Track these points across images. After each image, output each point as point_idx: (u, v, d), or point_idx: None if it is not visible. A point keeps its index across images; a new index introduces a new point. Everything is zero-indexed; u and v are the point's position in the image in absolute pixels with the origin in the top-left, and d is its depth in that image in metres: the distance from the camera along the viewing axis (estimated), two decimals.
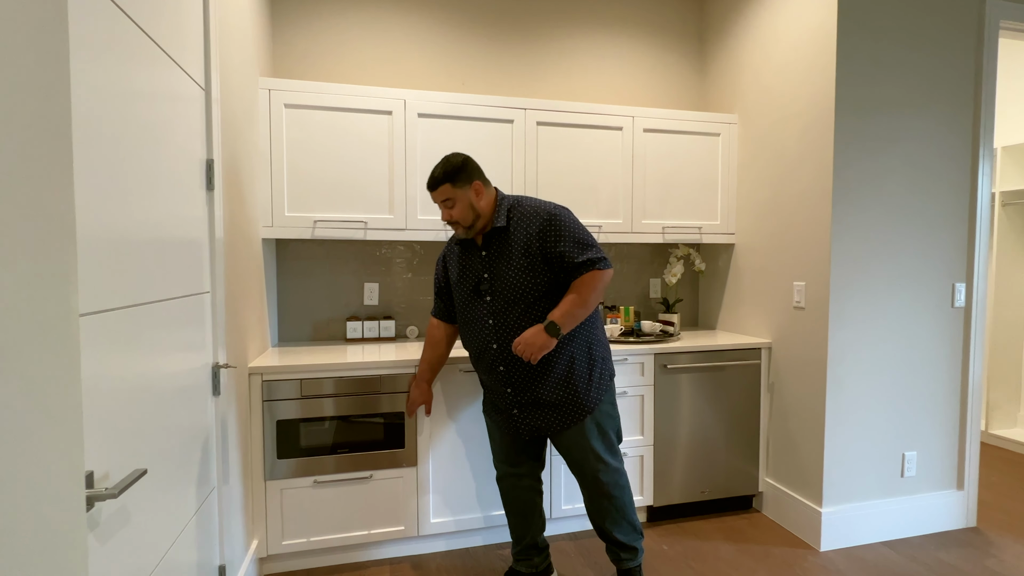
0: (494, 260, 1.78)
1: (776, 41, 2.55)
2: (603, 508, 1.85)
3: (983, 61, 2.40)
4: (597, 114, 2.63)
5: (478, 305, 1.80)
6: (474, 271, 1.81)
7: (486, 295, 1.78)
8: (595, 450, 1.82)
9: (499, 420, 1.91)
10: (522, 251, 1.74)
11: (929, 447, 2.44)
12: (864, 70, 2.26)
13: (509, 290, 1.75)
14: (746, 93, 2.76)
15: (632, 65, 3.04)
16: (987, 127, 2.43)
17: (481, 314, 1.80)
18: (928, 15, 2.33)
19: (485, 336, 1.80)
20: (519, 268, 1.75)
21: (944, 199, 2.41)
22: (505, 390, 1.83)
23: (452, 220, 1.77)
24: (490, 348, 1.80)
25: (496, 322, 1.78)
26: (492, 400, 1.92)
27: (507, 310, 1.76)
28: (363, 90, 2.35)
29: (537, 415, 1.82)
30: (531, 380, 1.78)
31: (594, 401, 1.81)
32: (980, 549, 2.31)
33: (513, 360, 1.77)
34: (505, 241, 1.77)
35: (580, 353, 1.80)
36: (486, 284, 1.78)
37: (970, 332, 2.46)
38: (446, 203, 1.75)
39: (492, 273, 1.77)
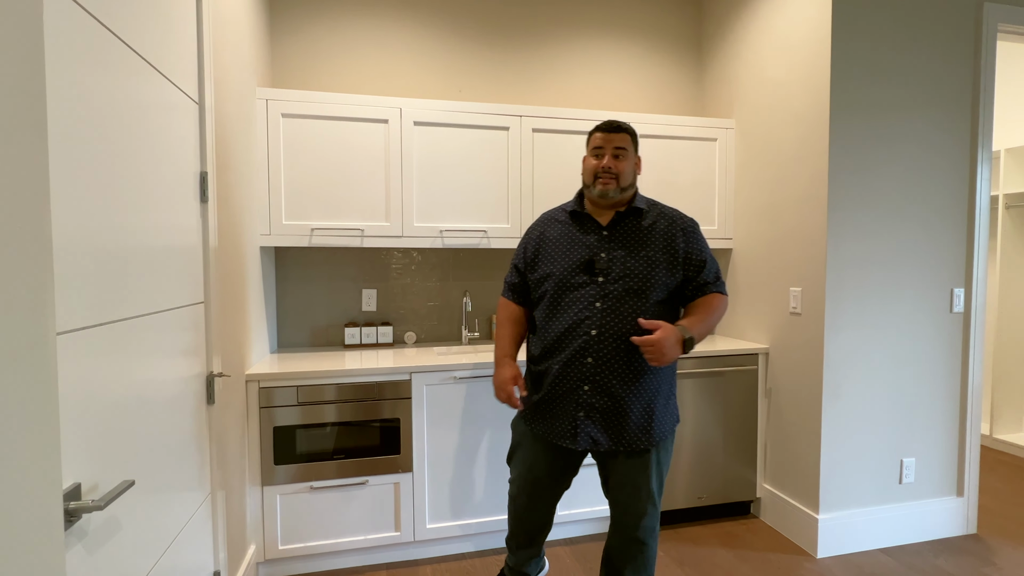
0: (618, 242, 1.59)
1: (772, 46, 2.55)
2: (631, 554, 1.64)
3: (981, 64, 2.39)
4: (592, 120, 2.64)
5: (586, 284, 1.57)
6: (587, 247, 1.60)
7: (599, 275, 1.57)
8: (651, 490, 1.61)
9: (547, 428, 1.63)
10: (663, 244, 1.59)
11: (928, 453, 2.43)
12: (859, 74, 2.26)
13: (631, 278, 1.56)
14: (743, 98, 2.75)
15: (630, 71, 3.04)
16: (986, 130, 2.41)
17: (588, 294, 1.57)
18: (924, 18, 2.32)
19: (587, 319, 1.55)
20: (653, 260, 1.58)
21: (942, 203, 2.40)
22: (582, 387, 1.57)
23: (613, 172, 1.57)
24: (587, 333, 1.55)
25: (605, 306, 1.55)
26: (548, 404, 1.63)
27: (623, 298, 1.55)
28: (359, 99, 2.37)
29: (605, 425, 1.57)
30: (616, 383, 1.56)
31: (664, 434, 1.61)
32: (979, 556, 2.30)
33: (606, 354, 1.55)
34: (637, 227, 1.61)
35: (667, 378, 1.64)
36: (603, 263, 1.57)
37: (969, 337, 2.44)
38: (619, 151, 1.59)
39: (612, 255, 1.58)
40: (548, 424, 1.63)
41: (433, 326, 2.82)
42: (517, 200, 2.57)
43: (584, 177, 1.65)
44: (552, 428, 1.62)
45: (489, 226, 2.55)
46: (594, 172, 1.60)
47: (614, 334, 1.54)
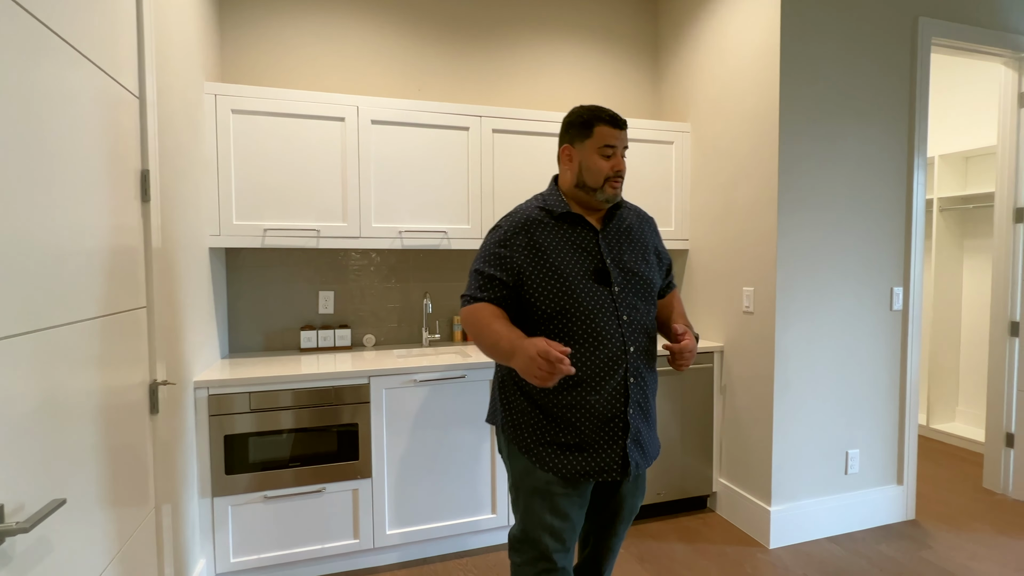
0: (613, 244, 1.42)
1: (725, 52, 2.62)
2: (609, 561, 1.58)
3: (917, 75, 2.52)
4: (552, 122, 2.66)
5: (604, 297, 1.36)
6: (589, 253, 1.39)
7: (614, 284, 1.38)
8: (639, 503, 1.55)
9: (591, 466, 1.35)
10: (645, 241, 1.48)
11: (871, 444, 2.55)
12: (806, 83, 2.35)
13: (638, 283, 1.41)
14: (698, 102, 2.82)
15: (589, 73, 3.08)
16: (921, 137, 2.55)
17: (609, 308, 1.36)
18: (866, 30, 2.43)
19: (620, 336, 1.35)
20: (647, 260, 1.46)
21: (882, 206, 2.52)
22: (627, 411, 1.36)
23: (620, 173, 1.40)
24: (626, 351, 1.36)
25: (631, 319, 1.38)
26: (589, 439, 1.35)
27: (640, 307, 1.41)
28: (315, 96, 2.31)
29: (640, 445, 1.40)
30: (650, 399, 1.43)
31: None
32: (917, 541, 2.43)
33: (641, 370, 1.39)
34: (621, 225, 1.47)
35: None
36: (614, 271, 1.39)
37: (907, 334, 2.58)
38: (624, 150, 1.42)
39: (614, 259, 1.40)
40: (591, 460, 1.35)
41: (393, 329, 2.78)
42: (478, 201, 2.56)
43: (590, 179, 1.38)
44: (597, 464, 1.35)
45: (449, 227, 2.53)
46: (606, 175, 1.38)
47: (643, 348, 1.40)
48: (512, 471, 1.42)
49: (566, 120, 1.44)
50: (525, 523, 1.39)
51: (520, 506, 1.40)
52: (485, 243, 1.43)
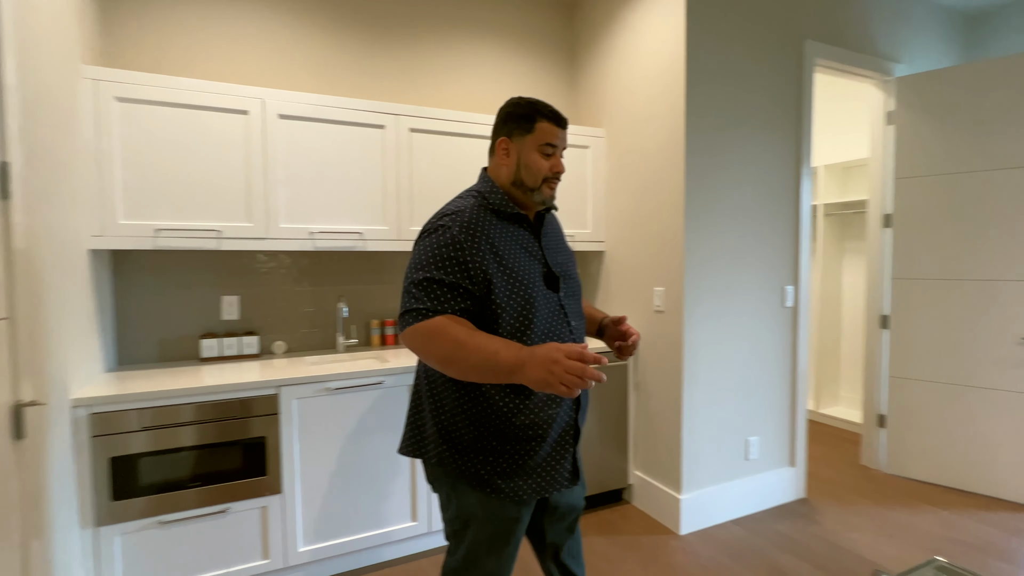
0: (549, 246, 1.35)
1: (636, 62, 2.73)
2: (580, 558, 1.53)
3: (803, 92, 2.76)
4: (472, 123, 2.65)
5: (555, 302, 1.29)
6: (535, 256, 1.30)
7: (559, 289, 1.31)
8: None
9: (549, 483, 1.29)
10: (566, 243, 1.44)
11: (768, 431, 2.77)
12: (709, 96, 2.50)
13: (575, 286, 1.38)
14: (612, 109, 2.93)
15: (507, 76, 3.10)
16: (806, 148, 2.80)
17: (561, 315, 1.29)
18: (761, 50, 2.63)
19: (572, 343, 1.25)
20: (573, 262, 1.42)
21: (775, 211, 2.73)
22: (578, 417, 1.34)
23: (559, 174, 1.32)
24: None
25: (577, 324, 1.34)
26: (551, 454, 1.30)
27: (579, 311, 1.36)
28: (214, 86, 2.15)
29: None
30: (588, 402, 1.42)
31: None
32: (808, 517, 2.66)
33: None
34: (550, 226, 1.40)
35: None
36: (560, 275, 1.33)
37: (797, 328, 2.82)
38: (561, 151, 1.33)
39: (553, 262, 1.33)
40: (550, 477, 1.29)
41: (305, 334, 2.65)
42: (395, 201, 2.50)
43: (528, 178, 1.29)
44: (554, 479, 1.30)
45: (365, 228, 2.44)
46: (545, 175, 1.29)
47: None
48: (459, 509, 1.27)
49: (504, 110, 1.31)
50: (473, 564, 1.28)
51: (466, 545, 1.27)
52: (429, 246, 1.19)
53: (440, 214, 1.25)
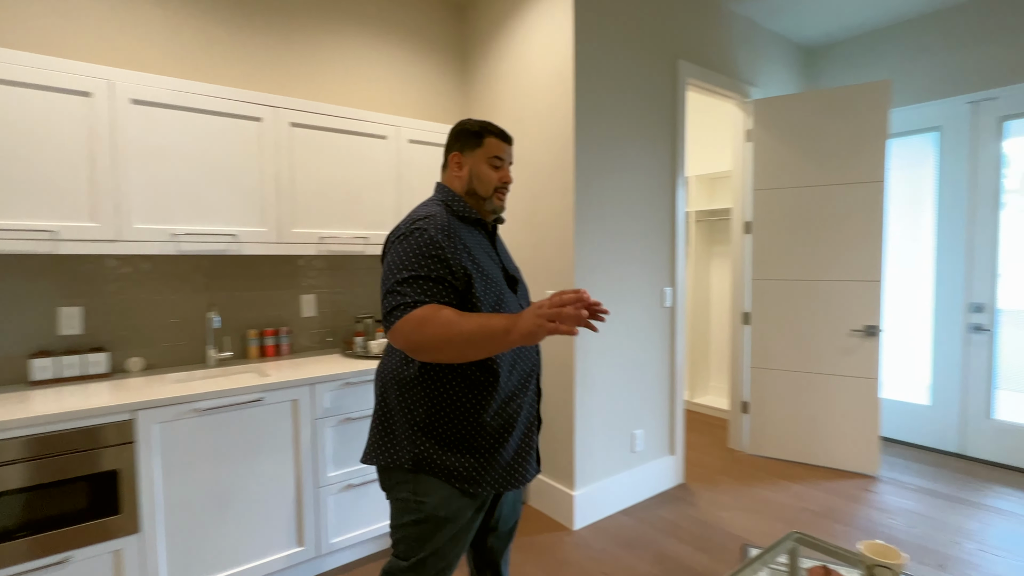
0: (501, 250, 1.47)
1: (528, 68, 2.78)
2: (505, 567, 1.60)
3: (677, 107, 2.99)
4: (360, 120, 2.52)
5: (514, 301, 1.38)
6: (495, 259, 1.40)
7: (516, 291, 1.41)
8: None
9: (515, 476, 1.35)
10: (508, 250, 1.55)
11: (651, 423, 2.95)
12: (595, 105, 2.61)
13: (524, 288, 1.48)
14: (505, 114, 2.95)
15: (396, 75, 3.00)
16: (680, 159, 3.03)
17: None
18: (642, 66, 2.79)
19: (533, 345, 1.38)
20: (517, 267, 1.53)
21: (656, 217, 2.93)
22: (538, 410, 1.45)
23: (507, 184, 1.43)
24: (538, 353, 1.44)
25: None
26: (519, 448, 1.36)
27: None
28: (45, 61, 1.83)
29: None
30: None
31: None
32: (686, 501, 2.88)
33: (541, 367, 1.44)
34: (497, 233, 1.52)
35: None
36: (516, 279, 1.44)
37: (675, 326, 3.05)
38: (508, 164, 1.44)
39: (505, 263, 1.43)
40: (521, 468, 1.36)
41: (168, 348, 2.35)
42: (275, 201, 2.31)
43: (481, 189, 1.40)
44: (525, 469, 1.37)
45: (240, 229, 2.23)
46: (495, 185, 1.41)
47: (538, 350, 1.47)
48: (428, 510, 1.29)
49: (456, 129, 1.44)
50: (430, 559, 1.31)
51: (428, 542, 1.30)
52: (409, 248, 1.24)
53: (411, 219, 1.30)
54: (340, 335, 2.83)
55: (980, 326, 3.36)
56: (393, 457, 1.31)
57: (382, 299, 1.23)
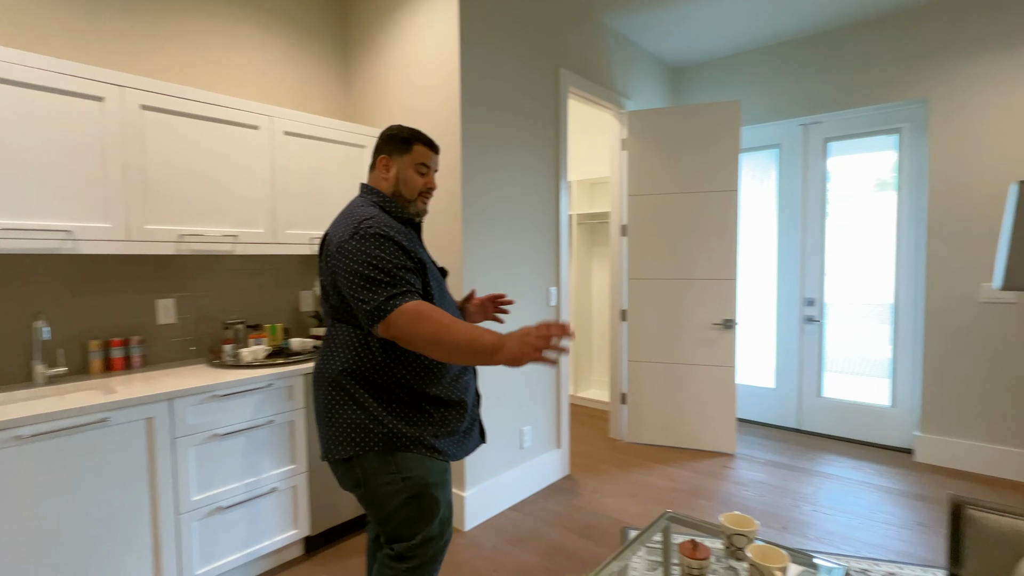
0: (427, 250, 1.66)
1: (413, 67, 2.72)
2: None
3: (560, 113, 3.11)
4: (227, 107, 2.30)
5: (449, 295, 1.54)
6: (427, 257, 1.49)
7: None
8: None
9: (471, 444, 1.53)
10: None
11: (538, 419, 3.04)
12: (482, 108, 2.63)
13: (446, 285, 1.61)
14: (390, 110, 2.86)
15: (270, 63, 2.78)
16: (563, 163, 3.16)
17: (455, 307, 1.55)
18: (527, 73, 2.87)
19: None
20: None
21: (541, 219, 3.02)
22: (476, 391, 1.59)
23: (432, 189, 1.53)
24: None
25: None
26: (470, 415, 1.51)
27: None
28: None
29: None
30: None
31: None
32: (571, 492, 3.01)
33: None
34: None
35: None
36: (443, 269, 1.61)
37: None
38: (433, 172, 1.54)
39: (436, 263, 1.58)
40: (469, 440, 1.52)
41: None
42: (122, 193, 2.03)
43: (407, 192, 1.49)
44: (471, 441, 1.53)
45: (77, 225, 1.93)
46: (420, 189, 1.50)
47: None
48: (412, 480, 1.35)
49: (386, 133, 1.51)
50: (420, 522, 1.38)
51: (427, 511, 1.38)
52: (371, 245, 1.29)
53: (358, 218, 1.34)
54: (206, 343, 2.56)
55: (812, 317, 3.91)
56: (362, 445, 1.34)
57: (361, 293, 1.26)
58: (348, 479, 1.38)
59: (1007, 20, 3.05)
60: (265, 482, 2.18)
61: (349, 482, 1.38)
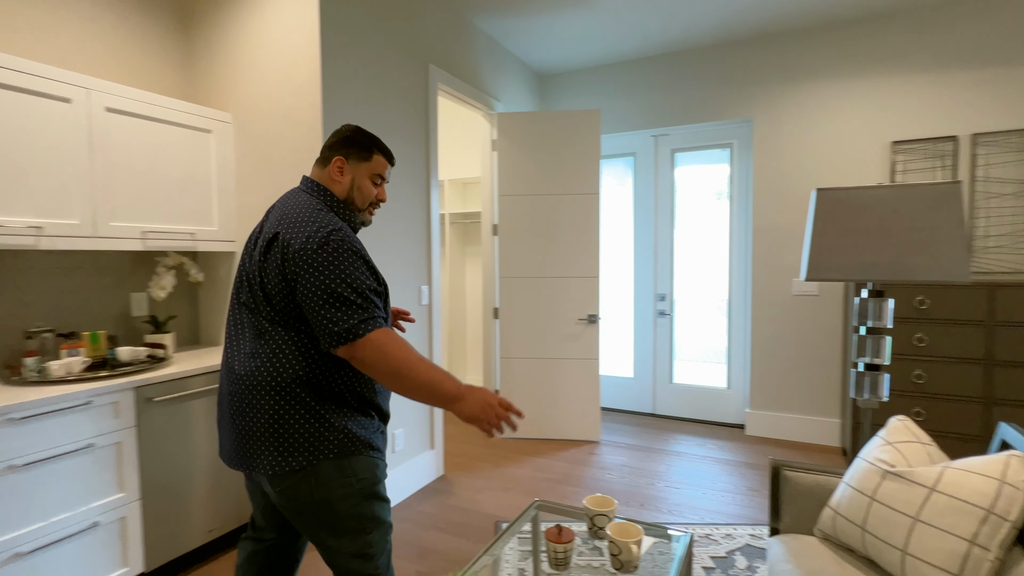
0: None
1: (269, 49, 2.51)
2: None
3: (429, 110, 3.07)
4: (29, 74, 1.93)
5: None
6: None
7: None
8: None
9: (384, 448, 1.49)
10: None
11: (411, 422, 2.97)
12: (345, 101, 2.50)
13: None
14: (241, 94, 2.61)
15: (98, 32, 2.38)
16: (434, 162, 3.12)
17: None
18: (395, 68, 2.78)
19: None
20: None
21: (412, 219, 2.96)
22: None
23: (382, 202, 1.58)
24: None
25: None
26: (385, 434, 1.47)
27: None
28: None
29: None
30: None
31: None
32: (446, 492, 2.98)
33: None
34: None
35: None
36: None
37: (432, 322, 3.13)
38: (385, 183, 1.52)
39: None
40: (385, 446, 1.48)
41: None
42: None
43: (359, 200, 1.44)
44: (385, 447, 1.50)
45: None
46: (371, 200, 1.47)
47: None
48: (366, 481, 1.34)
49: (345, 134, 1.43)
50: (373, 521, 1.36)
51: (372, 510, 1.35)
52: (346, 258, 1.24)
53: (326, 227, 1.27)
54: (1, 356, 2.12)
55: (663, 311, 4.30)
56: (315, 454, 1.28)
57: (330, 312, 1.21)
58: (297, 490, 1.28)
59: (818, 55, 3.62)
60: (83, 516, 1.85)
61: (297, 493, 1.28)
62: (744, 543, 2.41)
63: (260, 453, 1.28)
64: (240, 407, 1.29)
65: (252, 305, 1.31)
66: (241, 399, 1.29)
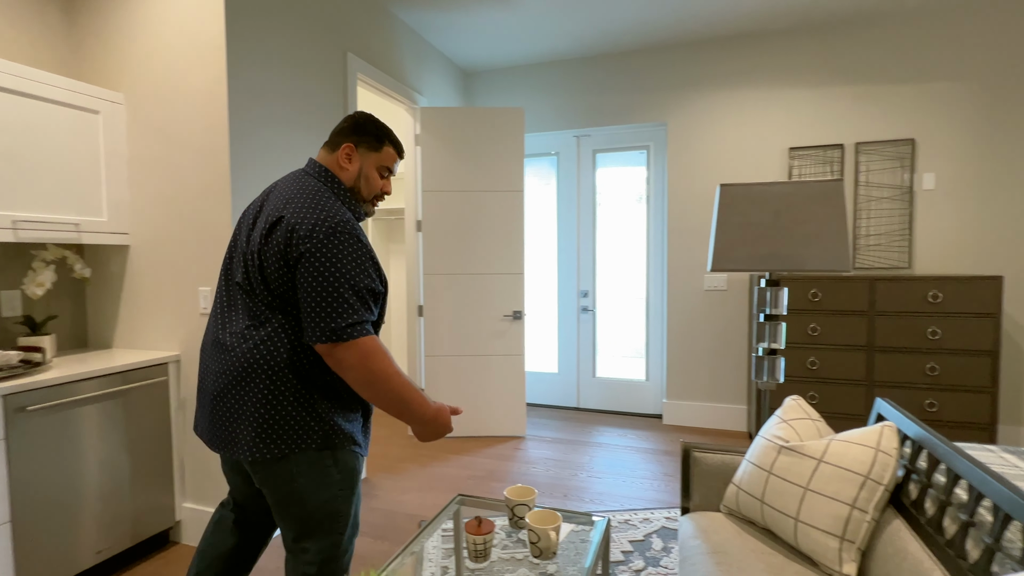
0: None
1: (168, 26, 2.32)
2: None
3: (348, 102, 2.97)
4: None
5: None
6: None
7: None
8: None
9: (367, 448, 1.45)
10: None
11: None
12: (255, 86, 2.36)
13: None
14: (136, 73, 2.39)
15: None
16: None
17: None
18: (310, 54, 2.66)
19: None
20: None
21: None
22: None
23: (387, 195, 1.48)
24: None
25: None
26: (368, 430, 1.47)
27: None
28: None
29: None
30: None
31: None
32: (368, 495, 2.89)
33: None
34: None
35: None
36: None
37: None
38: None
39: None
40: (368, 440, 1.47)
41: None
42: None
43: (365, 191, 1.41)
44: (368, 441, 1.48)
45: None
46: (377, 192, 1.43)
47: None
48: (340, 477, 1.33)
49: (357, 121, 1.40)
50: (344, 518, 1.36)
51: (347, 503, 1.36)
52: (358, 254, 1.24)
53: (334, 216, 1.24)
54: None
55: (587, 307, 4.42)
56: (298, 442, 1.26)
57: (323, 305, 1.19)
58: (276, 476, 1.28)
59: (726, 64, 3.85)
60: None
61: (276, 479, 1.28)
62: (660, 526, 2.51)
63: (241, 436, 1.26)
64: (227, 387, 1.27)
65: (248, 287, 1.29)
66: (229, 378, 1.27)
